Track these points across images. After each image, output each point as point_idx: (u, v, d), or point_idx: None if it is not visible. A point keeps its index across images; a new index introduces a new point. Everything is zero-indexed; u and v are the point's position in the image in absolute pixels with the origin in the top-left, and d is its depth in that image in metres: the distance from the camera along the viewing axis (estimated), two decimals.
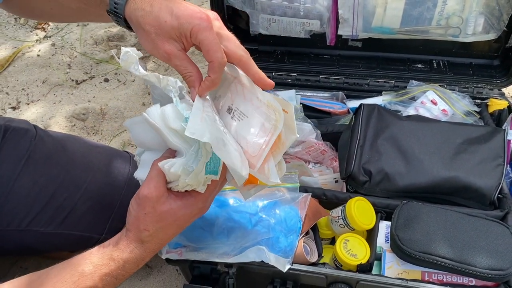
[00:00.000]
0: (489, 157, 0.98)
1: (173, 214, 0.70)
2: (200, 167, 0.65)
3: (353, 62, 1.26)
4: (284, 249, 0.85)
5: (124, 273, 0.70)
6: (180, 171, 0.65)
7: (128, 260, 0.70)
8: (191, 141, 0.65)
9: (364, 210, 0.93)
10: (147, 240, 0.71)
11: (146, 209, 0.69)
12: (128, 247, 0.70)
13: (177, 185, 0.68)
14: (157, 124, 0.66)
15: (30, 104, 1.64)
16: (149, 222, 0.70)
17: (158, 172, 0.69)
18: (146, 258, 0.72)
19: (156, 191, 0.69)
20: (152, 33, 0.68)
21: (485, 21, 1.10)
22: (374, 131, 1.04)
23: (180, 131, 0.65)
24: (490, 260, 0.83)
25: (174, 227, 0.72)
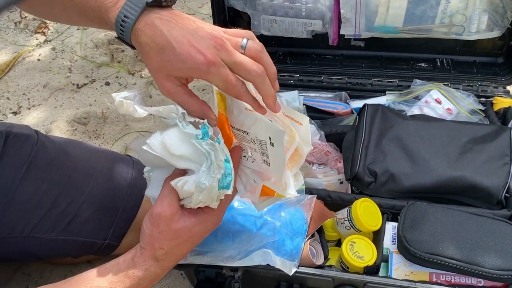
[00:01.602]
0: (495, 155, 0.97)
1: (187, 231, 0.70)
2: (214, 184, 0.65)
3: (356, 62, 1.25)
4: (290, 252, 0.84)
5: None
6: (193, 189, 0.65)
7: (143, 278, 0.70)
8: (201, 158, 0.64)
9: (370, 211, 0.92)
10: (162, 258, 0.71)
11: (160, 227, 0.69)
12: (143, 265, 0.70)
13: (190, 202, 0.68)
14: (160, 155, 0.65)
15: (31, 108, 1.64)
16: (164, 240, 0.70)
17: (170, 190, 0.69)
18: (160, 275, 0.73)
19: (170, 209, 0.68)
20: (154, 69, 0.66)
21: (488, 18, 1.09)
22: (379, 131, 1.03)
23: (187, 155, 0.65)
24: (499, 261, 0.81)
25: (189, 243, 0.72)
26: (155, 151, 0.65)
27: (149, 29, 0.64)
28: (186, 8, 1.97)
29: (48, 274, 1.18)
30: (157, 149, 0.65)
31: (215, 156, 0.64)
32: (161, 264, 0.71)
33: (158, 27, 0.63)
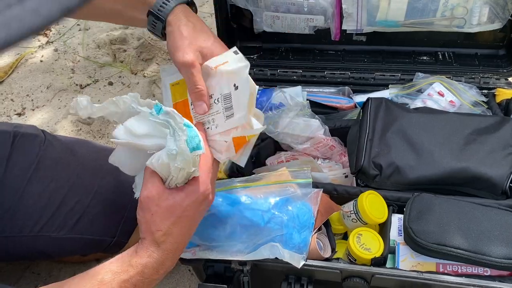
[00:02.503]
0: (499, 146, 0.97)
1: (179, 206, 0.70)
2: (182, 145, 0.66)
3: (358, 57, 1.25)
4: (298, 245, 0.85)
5: (144, 280, 0.69)
6: (166, 159, 0.66)
7: (146, 265, 0.69)
8: (163, 131, 0.68)
9: (376, 203, 0.93)
10: (162, 241, 0.70)
11: (151, 209, 0.70)
12: (146, 252, 0.70)
13: (172, 178, 0.69)
14: (126, 140, 0.69)
15: (35, 110, 1.64)
16: (159, 221, 0.70)
17: (150, 172, 0.70)
18: (165, 262, 0.71)
19: (155, 189, 0.69)
20: (187, 40, 0.76)
21: (490, 10, 1.10)
22: (383, 125, 1.03)
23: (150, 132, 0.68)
24: (505, 249, 0.82)
25: (186, 220, 0.71)
26: (121, 138, 0.69)
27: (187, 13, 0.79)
28: None
29: (56, 273, 1.19)
30: (122, 136, 0.69)
31: (174, 122, 0.67)
32: (162, 248, 0.70)
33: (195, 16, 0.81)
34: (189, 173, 0.69)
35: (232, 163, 1.07)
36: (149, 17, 0.80)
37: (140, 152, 0.72)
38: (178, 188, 0.71)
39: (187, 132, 0.67)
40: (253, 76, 1.24)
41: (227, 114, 0.76)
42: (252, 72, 1.26)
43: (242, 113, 0.74)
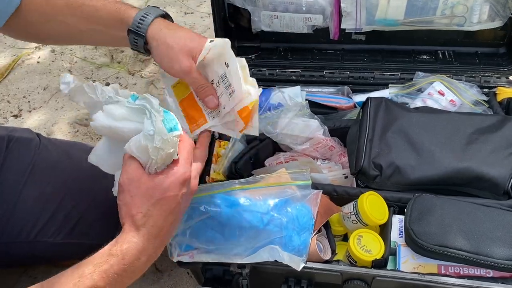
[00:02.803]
0: (501, 146, 0.96)
1: (159, 187, 0.68)
2: (159, 125, 0.67)
3: (357, 56, 1.24)
4: (297, 247, 0.84)
5: (126, 268, 0.67)
6: (144, 141, 0.67)
7: (127, 251, 0.67)
8: (140, 116, 0.69)
9: (376, 204, 0.92)
10: (142, 223, 0.68)
11: (131, 191, 0.68)
12: (125, 238, 0.68)
13: (152, 162, 0.68)
14: (106, 123, 0.71)
15: (32, 111, 1.63)
16: (139, 203, 0.68)
17: (128, 157, 0.69)
18: (147, 247, 0.69)
19: (134, 171, 0.68)
20: (175, 48, 0.79)
21: (490, 8, 1.09)
22: (383, 125, 1.02)
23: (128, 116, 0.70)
24: (507, 250, 0.81)
25: (166, 202, 0.69)
26: (101, 122, 0.71)
27: (166, 24, 0.82)
28: (184, 7, 1.97)
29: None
30: (102, 119, 0.71)
31: (150, 105, 0.68)
32: (143, 232, 0.68)
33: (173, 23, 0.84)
34: (168, 155, 0.69)
35: (230, 165, 1.06)
36: (130, 35, 0.82)
37: (120, 144, 0.72)
38: (157, 172, 0.70)
39: (163, 114, 0.68)
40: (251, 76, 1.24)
41: (229, 92, 0.83)
42: (251, 72, 1.25)
43: (239, 86, 0.80)
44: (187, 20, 1.91)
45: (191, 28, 1.88)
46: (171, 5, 1.99)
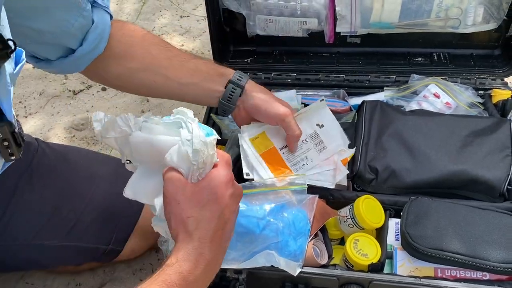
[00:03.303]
0: (496, 148, 0.97)
1: (205, 189, 0.67)
2: (196, 130, 0.68)
3: (352, 59, 1.24)
4: (294, 252, 0.84)
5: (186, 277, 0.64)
6: (183, 147, 0.67)
7: (183, 258, 0.64)
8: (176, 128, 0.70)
9: (373, 208, 0.92)
10: (194, 228, 0.66)
11: (177, 199, 0.67)
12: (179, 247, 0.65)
13: (193, 167, 0.67)
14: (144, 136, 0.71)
15: (28, 117, 1.63)
16: (188, 208, 0.66)
17: (169, 170, 0.68)
18: (204, 253, 0.66)
19: (178, 180, 0.67)
20: (272, 98, 0.94)
21: (484, 11, 1.09)
22: (378, 128, 1.02)
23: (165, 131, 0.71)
24: (503, 253, 0.81)
25: (215, 203, 0.68)
26: (140, 137, 0.72)
27: (255, 84, 0.97)
28: (180, 11, 1.97)
29: (50, 283, 1.17)
30: (140, 134, 0.72)
31: (184, 116, 0.70)
32: (196, 236, 0.65)
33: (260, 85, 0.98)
34: (209, 158, 0.68)
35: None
36: (229, 85, 0.94)
37: (156, 170, 0.72)
38: (199, 180, 0.68)
39: (197, 121, 0.69)
40: None
41: (319, 148, 0.98)
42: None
43: (336, 143, 0.97)
44: (183, 24, 1.91)
45: (187, 32, 1.88)
46: (167, 8, 1.99)
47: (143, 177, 0.76)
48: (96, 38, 0.85)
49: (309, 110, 0.95)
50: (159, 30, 1.90)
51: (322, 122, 0.95)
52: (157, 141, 0.70)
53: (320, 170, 0.97)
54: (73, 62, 0.86)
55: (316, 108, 0.95)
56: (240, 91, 0.94)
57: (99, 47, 0.87)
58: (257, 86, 0.96)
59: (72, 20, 0.79)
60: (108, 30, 0.88)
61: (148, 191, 0.76)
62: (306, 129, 0.96)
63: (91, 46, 0.85)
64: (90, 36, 0.84)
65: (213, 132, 0.71)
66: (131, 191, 0.77)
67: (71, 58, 0.85)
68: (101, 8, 0.85)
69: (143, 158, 0.75)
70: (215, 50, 1.24)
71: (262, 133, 0.98)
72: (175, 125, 0.70)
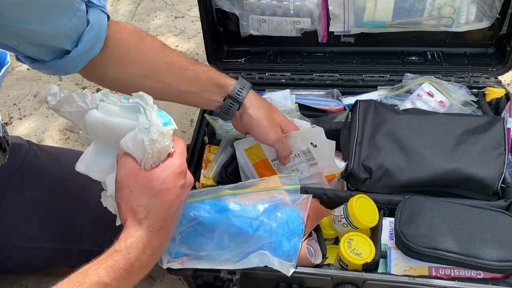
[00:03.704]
0: (490, 146, 0.96)
1: (157, 179, 0.69)
2: (154, 119, 0.68)
3: (346, 58, 1.24)
4: (287, 252, 0.84)
5: (133, 263, 0.66)
6: (140, 134, 0.67)
7: (131, 246, 0.66)
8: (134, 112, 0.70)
9: (367, 207, 0.92)
10: (143, 216, 0.68)
11: (130, 186, 0.68)
12: (128, 234, 0.67)
13: (148, 156, 0.68)
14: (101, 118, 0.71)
15: (23, 119, 1.63)
16: (139, 196, 0.68)
17: (123, 154, 0.69)
18: (151, 240, 0.68)
19: (132, 167, 0.68)
20: (269, 120, 0.93)
21: (477, 9, 1.09)
22: (372, 127, 1.02)
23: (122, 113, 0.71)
24: (497, 252, 0.81)
25: (166, 193, 0.69)
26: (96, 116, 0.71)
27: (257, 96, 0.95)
28: (175, 11, 1.97)
29: (44, 285, 1.17)
30: (97, 114, 0.71)
31: (143, 102, 0.69)
32: (145, 225, 0.67)
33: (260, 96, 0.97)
34: (164, 148, 0.69)
35: (221, 169, 1.06)
36: (227, 100, 0.92)
37: (109, 148, 0.72)
38: (153, 167, 0.70)
39: (156, 109, 0.69)
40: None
41: (311, 163, 0.99)
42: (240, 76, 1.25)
43: (327, 162, 0.98)
44: (178, 24, 1.91)
45: (182, 32, 1.88)
46: (162, 9, 1.99)
47: (97, 154, 0.76)
48: (91, 39, 0.83)
49: (306, 132, 0.96)
50: (153, 31, 1.89)
51: (316, 143, 0.96)
52: (113, 124, 0.71)
53: (309, 182, 1.01)
54: (68, 63, 0.84)
55: (313, 130, 0.96)
56: (238, 106, 0.93)
57: (94, 48, 0.85)
58: (256, 101, 0.94)
59: (65, 20, 0.78)
60: (104, 31, 0.85)
61: (100, 167, 0.76)
62: (300, 146, 0.97)
63: (86, 47, 0.83)
64: (85, 37, 0.82)
65: (171, 121, 0.71)
66: (84, 166, 0.77)
67: (66, 59, 0.84)
68: (97, 8, 0.84)
69: (98, 136, 0.75)
70: (209, 51, 1.24)
71: (257, 144, 1.00)
72: (133, 109, 0.70)
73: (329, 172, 1.00)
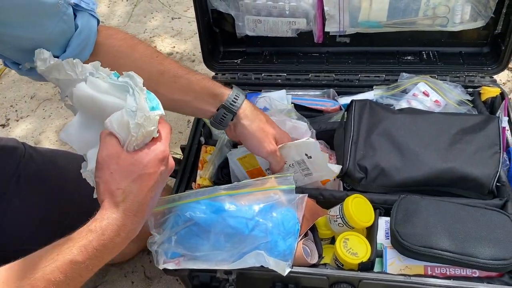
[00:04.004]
0: (485, 145, 0.97)
1: (139, 163, 0.68)
2: (142, 102, 0.67)
3: (342, 58, 1.24)
4: (283, 252, 0.84)
5: (106, 244, 0.66)
6: (126, 116, 0.67)
7: (106, 227, 0.66)
8: (123, 91, 0.69)
9: (362, 207, 0.92)
10: (121, 199, 0.68)
11: (110, 168, 0.68)
12: (104, 215, 0.67)
13: (131, 138, 0.68)
14: (89, 92, 0.70)
15: (20, 120, 1.63)
16: (119, 179, 0.68)
17: (107, 133, 0.69)
18: (126, 223, 0.68)
19: (114, 148, 0.68)
20: (264, 131, 0.92)
21: (472, 8, 1.09)
22: (367, 127, 1.03)
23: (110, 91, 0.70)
24: (492, 250, 0.81)
25: (146, 178, 0.69)
26: (84, 90, 0.70)
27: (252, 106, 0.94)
28: (172, 12, 1.97)
29: None
30: (85, 89, 0.70)
31: (133, 82, 0.69)
32: (122, 207, 0.67)
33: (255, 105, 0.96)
34: (149, 133, 0.69)
35: (217, 170, 1.06)
36: (220, 110, 0.91)
37: (94, 122, 0.72)
38: (136, 150, 0.70)
39: (146, 92, 0.69)
40: (237, 81, 1.24)
41: (305, 173, 0.99)
42: (236, 77, 1.25)
43: (321, 173, 0.97)
44: (175, 26, 1.91)
45: (179, 33, 1.88)
46: (158, 10, 1.99)
47: (81, 126, 0.75)
48: (79, 44, 0.81)
49: (301, 144, 0.95)
50: (150, 32, 1.90)
51: (311, 154, 0.95)
52: (101, 101, 0.70)
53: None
54: None
55: (308, 143, 0.95)
56: (231, 116, 0.91)
57: (83, 53, 0.83)
58: (250, 111, 0.93)
59: (51, 25, 0.76)
60: (93, 36, 0.84)
61: (83, 140, 0.76)
62: (295, 156, 0.97)
63: (75, 53, 0.81)
64: (74, 42, 0.81)
65: (159, 105, 0.71)
66: (67, 136, 0.76)
67: None
68: (86, 12, 0.82)
69: (84, 110, 0.75)
70: (205, 51, 1.24)
71: (250, 154, 1.00)
72: (122, 87, 0.69)
73: (324, 177, 1.00)
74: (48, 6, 0.74)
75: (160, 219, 0.87)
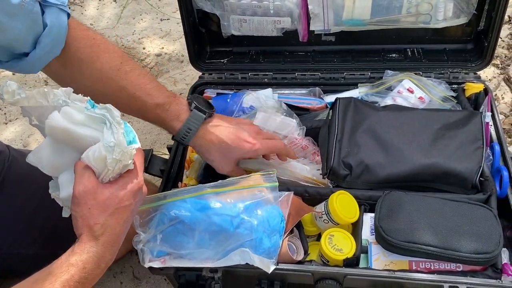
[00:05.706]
0: (468, 140, 0.97)
1: (115, 197, 0.70)
2: (120, 137, 0.68)
3: (327, 57, 1.25)
4: (268, 250, 0.84)
5: (87, 276, 0.68)
6: (104, 151, 0.67)
7: (87, 261, 0.69)
8: (99, 124, 0.69)
9: (347, 203, 0.92)
10: (100, 233, 0.70)
11: (88, 203, 0.69)
12: (84, 249, 0.69)
13: (108, 172, 0.69)
14: (63, 125, 0.69)
15: (8, 123, 1.62)
16: (97, 214, 0.69)
17: (83, 167, 0.70)
18: (105, 255, 0.71)
19: (90, 183, 0.69)
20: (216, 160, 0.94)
21: (454, 5, 1.10)
22: (352, 124, 1.03)
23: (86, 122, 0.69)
24: (475, 244, 0.82)
25: (122, 211, 0.72)
26: (58, 122, 0.69)
27: (207, 135, 0.92)
28: (160, 14, 1.97)
29: None
30: (59, 120, 0.69)
31: (110, 115, 0.69)
32: (101, 241, 0.70)
33: (213, 132, 0.92)
34: (125, 166, 0.70)
35: (204, 168, 1.06)
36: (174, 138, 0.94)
37: (64, 147, 0.72)
38: (111, 182, 0.71)
39: (123, 126, 0.69)
40: (224, 80, 1.24)
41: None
42: (223, 76, 1.26)
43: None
44: (163, 27, 1.91)
45: (167, 34, 1.88)
46: (147, 12, 1.99)
47: (52, 151, 0.74)
48: (49, 43, 0.80)
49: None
50: (139, 34, 1.90)
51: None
52: (76, 133, 0.70)
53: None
54: (27, 65, 0.81)
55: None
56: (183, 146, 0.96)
57: (54, 50, 0.82)
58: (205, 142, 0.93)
59: (17, 25, 0.74)
60: (64, 31, 0.81)
61: (53, 165, 0.76)
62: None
63: (45, 50, 0.80)
64: (44, 40, 0.79)
65: (135, 138, 0.71)
66: (36, 160, 0.76)
67: (24, 62, 0.80)
68: (55, 7, 0.79)
69: (57, 140, 0.73)
70: (191, 52, 1.25)
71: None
72: (99, 119, 0.69)
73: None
74: (12, 6, 0.72)
75: (145, 217, 0.87)
